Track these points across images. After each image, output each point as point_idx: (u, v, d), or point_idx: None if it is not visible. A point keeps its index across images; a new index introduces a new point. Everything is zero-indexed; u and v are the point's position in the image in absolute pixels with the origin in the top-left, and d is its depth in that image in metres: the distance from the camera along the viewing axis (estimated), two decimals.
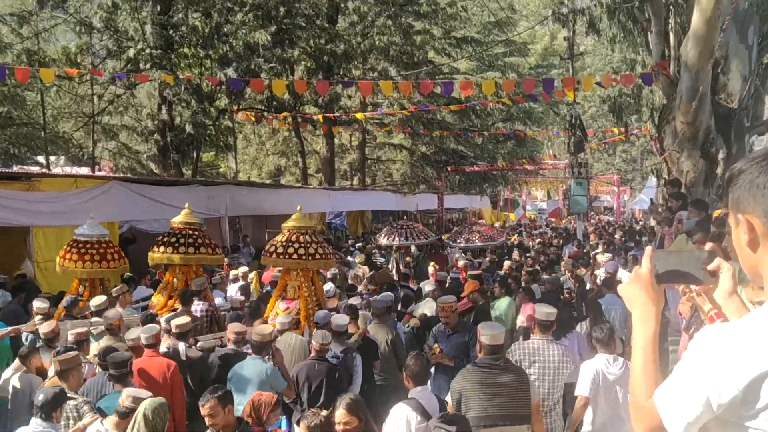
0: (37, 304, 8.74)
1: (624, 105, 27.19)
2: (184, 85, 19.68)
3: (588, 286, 11.72)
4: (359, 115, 24.76)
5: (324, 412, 4.68)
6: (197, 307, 9.18)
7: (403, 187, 35.59)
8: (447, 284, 11.57)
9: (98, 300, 8.59)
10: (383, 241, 16.65)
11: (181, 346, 6.88)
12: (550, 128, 43.77)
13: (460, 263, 14.76)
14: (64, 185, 13.06)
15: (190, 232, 9.87)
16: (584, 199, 20.21)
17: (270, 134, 36.10)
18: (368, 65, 28.17)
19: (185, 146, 21.71)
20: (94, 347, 7.22)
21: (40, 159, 24.63)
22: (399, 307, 10.31)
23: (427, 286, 11.22)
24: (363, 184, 33.43)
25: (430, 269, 12.94)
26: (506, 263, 13.65)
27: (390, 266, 15.30)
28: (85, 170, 24.10)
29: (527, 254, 16.52)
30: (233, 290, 11.59)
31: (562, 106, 37.11)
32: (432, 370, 7.22)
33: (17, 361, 6.93)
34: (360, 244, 20.78)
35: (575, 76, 19.62)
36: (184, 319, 7.29)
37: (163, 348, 6.89)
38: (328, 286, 10.50)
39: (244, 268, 13.08)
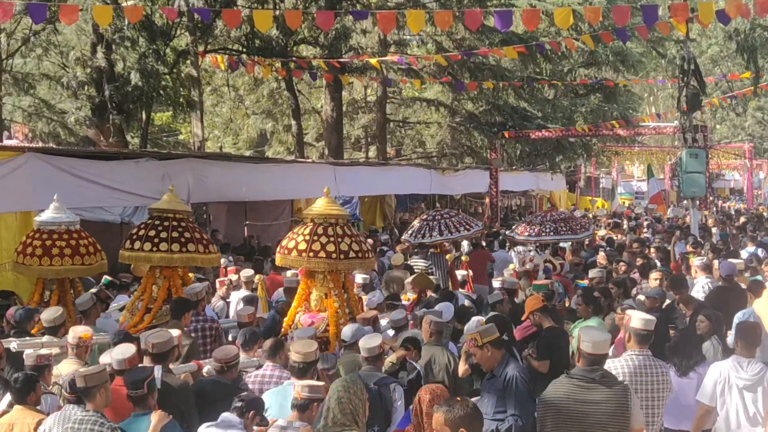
0: None
1: (759, 43, 26.94)
2: (128, 18, 19.75)
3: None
4: (377, 60, 24.73)
5: None
6: (194, 324, 9.46)
7: (441, 160, 35.50)
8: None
9: (53, 312, 8.83)
10: (411, 239, 16.71)
11: (157, 371, 7.05)
12: (653, 76, 43.47)
13: (528, 265, 14.75)
14: None
15: (176, 223, 10.08)
16: (702, 178, 19.96)
17: (251, 87, 36.18)
18: None
19: (130, 104, 21.79)
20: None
21: None
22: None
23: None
24: (383, 156, 33.44)
25: (506, 272, 13.13)
26: (592, 272, 13.63)
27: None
28: None
29: (619, 257, 16.37)
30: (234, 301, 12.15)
31: (670, 45, 36.78)
32: None
33: None
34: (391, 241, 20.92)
35: (689, 1, 19.45)
36: (163, 335, 7.47)
37: None
38: (373, 295, 10.93)
39: (248, 272, 13.50)
